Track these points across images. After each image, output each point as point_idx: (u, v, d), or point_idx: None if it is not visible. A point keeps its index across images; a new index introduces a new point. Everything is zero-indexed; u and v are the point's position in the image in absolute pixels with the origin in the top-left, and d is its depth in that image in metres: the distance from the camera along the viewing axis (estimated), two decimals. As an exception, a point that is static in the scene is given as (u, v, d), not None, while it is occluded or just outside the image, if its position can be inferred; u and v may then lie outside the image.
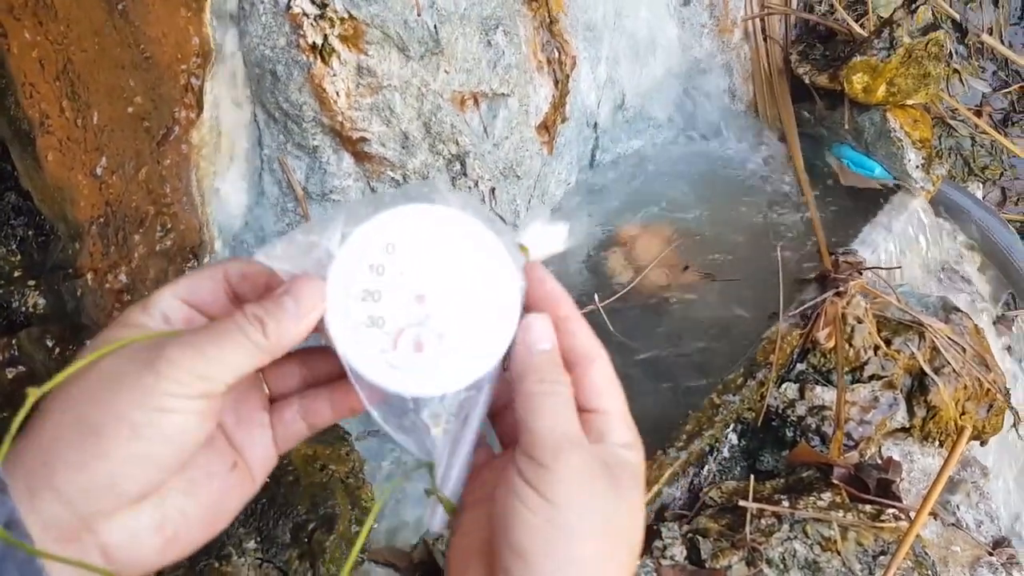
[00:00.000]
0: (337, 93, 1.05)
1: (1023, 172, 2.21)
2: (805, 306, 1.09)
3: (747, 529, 0.84)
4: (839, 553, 0.81)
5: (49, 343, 0.92)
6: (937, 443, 1.19)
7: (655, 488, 0.89)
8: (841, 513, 0.85)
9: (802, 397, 1.06)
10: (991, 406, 1.18)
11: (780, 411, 1.05)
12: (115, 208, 0.91)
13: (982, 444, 1.32)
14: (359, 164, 1.13)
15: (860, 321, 1.09)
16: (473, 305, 0.47)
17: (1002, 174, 2.14)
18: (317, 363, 0.51)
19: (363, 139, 1.10)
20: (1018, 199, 2.20)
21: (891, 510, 0.88)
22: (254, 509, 0.90)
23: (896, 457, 1.13)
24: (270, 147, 1.10)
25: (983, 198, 1.90)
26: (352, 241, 0.46)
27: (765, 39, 1.55)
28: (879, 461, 1.10)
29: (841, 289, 1.07)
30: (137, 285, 0.96)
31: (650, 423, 1.10)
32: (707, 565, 0.83)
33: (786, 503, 0.86)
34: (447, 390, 0.47)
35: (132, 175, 0.92)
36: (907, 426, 1.15)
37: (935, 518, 1.02)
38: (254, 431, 0.49)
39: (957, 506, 1.16)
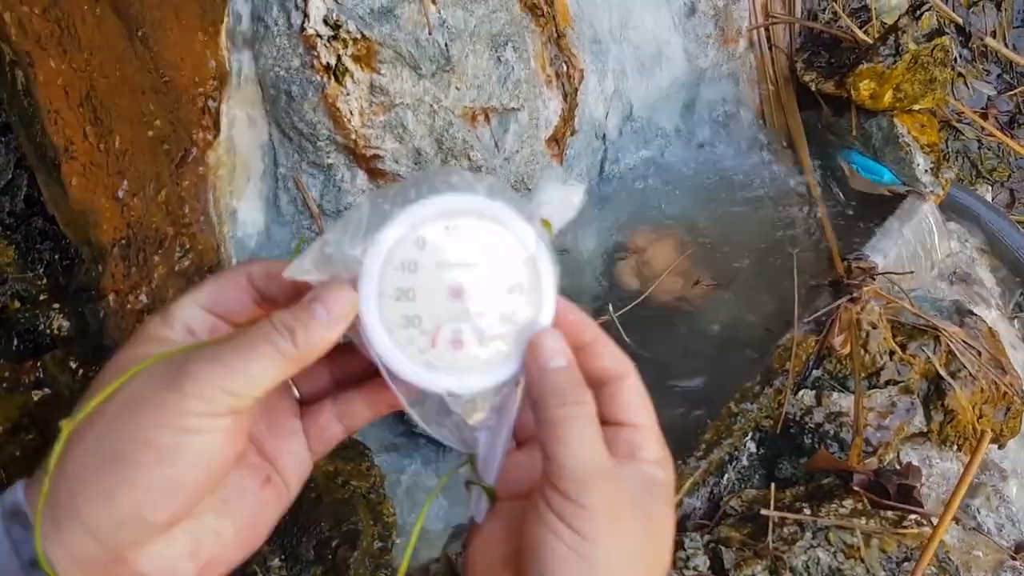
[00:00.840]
0: (351, 112, 1.07)
1: (1031, 173, 2.23)
2: (819, 313, 1.11)
3: (769, 538, 0.85)
4: (862, 560, 0.82)
5: (73, 365, 0.93)
6: (955, 447, 1.20)
7: (676, 498, 0.91)
8: (863, 520, 0.87)
9: (819, 404, 1.07)
10: (1008, 409, 1.19)
11: (798, 418, 1.06)
12: (136, 230, 0.93)
13: (1000, 447, 1.33)
14: (373, 180, 1.15)
15: (875, 327, 1.10)
16: (508, 296, 0.47)
17: (1010, 176, 2.15)
18: (347, 362, 0.49)
19: (376, 156, 1.12)
20: (1027, 201, 2.21)
21: (913, 516, 0.89)
22: (278, 526, 0.91)
23: (915, 462, 1.14)
24: (285, 166, 1.12)
25: (992, 201, 1.91)
26: (382, 239, 0.45)
27: (770, 48, 1.57)
28: (898, 467, 1.11)
29: (855, 295, 1.09)
30: (157, 305, 0.98)
31: (666, 433, 1.12)
32: (730, 575, 0.84)
33: (807, 511, 0.88)
34: (487, 385, 0.47)
35: (152, 197, 0.94)
36: (925, 431, 1.16)
37: (957, 523, 1.03)
38: (287, 440, 0.48)
39: (978, 510, 1.17)
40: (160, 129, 0.93)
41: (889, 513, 0.90)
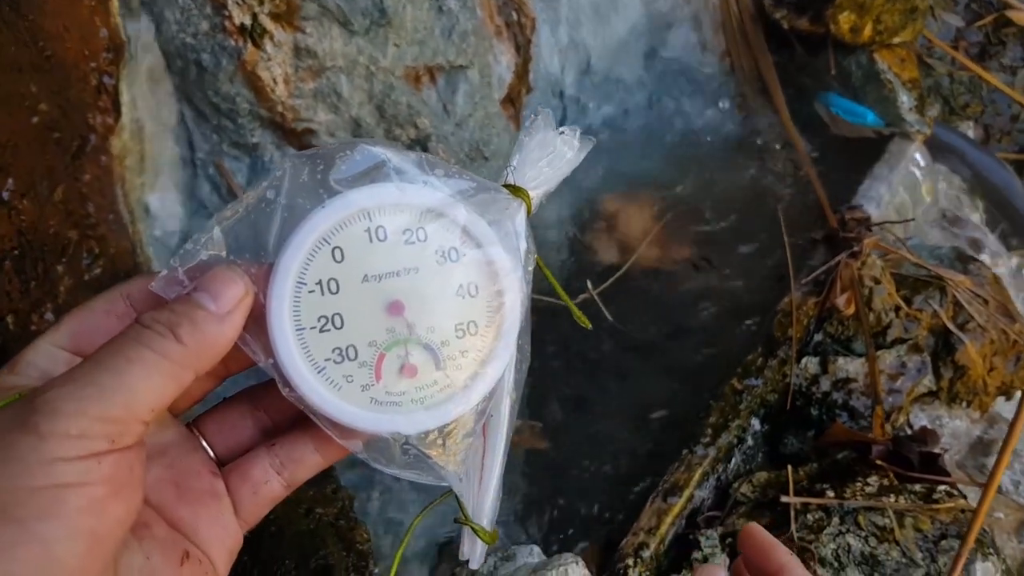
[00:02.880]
0: (274, 80, 0.97)
1: (1004, 107, 2.22)
2: (818, 271, 1.05)
3: (793, 527, 0.79)
4: (897, 543, 0.77)
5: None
6: (965, 404, 1.16)
7: (686, 493, 0.84)
8: (892, 497, 0.81)
9: (825, 371, 1.01)
10: (1019, 359, 1.15)
11: (803, 389, 1.00)
12: (30, 237, 0.82)
13: (1007, 399, 1.30)
14: (307, 160, 1.05)
15: (877, 282, 1.05)
16: (459, 301, 0.40)
17: (983, 111, 2.14)
18: (274, 400, 0.41)
19: (308, 131, 1.02)
20: (1001, 135, 2.20)
21: (942, 487, 0.84)
22: (234, 568, 0.82)
23: (925, 424, 1.10)
24: (203, 150, 1.01)
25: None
26: (285, 262, 0.38)
27: (733, -15, 1.50)
28: (909, 431, 1.06)
29: (856, 249, 1.03)
30: (65, 323, 0.87)
31: (661, 417, 1.05)
32: (753, 572, 0.78)
33: (831, 493, 0.82)
34: (453, 416, 0.40)
35: (46, 196, 0.83)
36: (934, 389, 1.11)
37: (976, 485, 0.99)
38: (205, 504, 0.39)
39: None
40: (47, 114, 0.82)
41: (917, 486, 0.84)
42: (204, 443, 0.41)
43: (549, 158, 0.42)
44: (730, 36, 1.52)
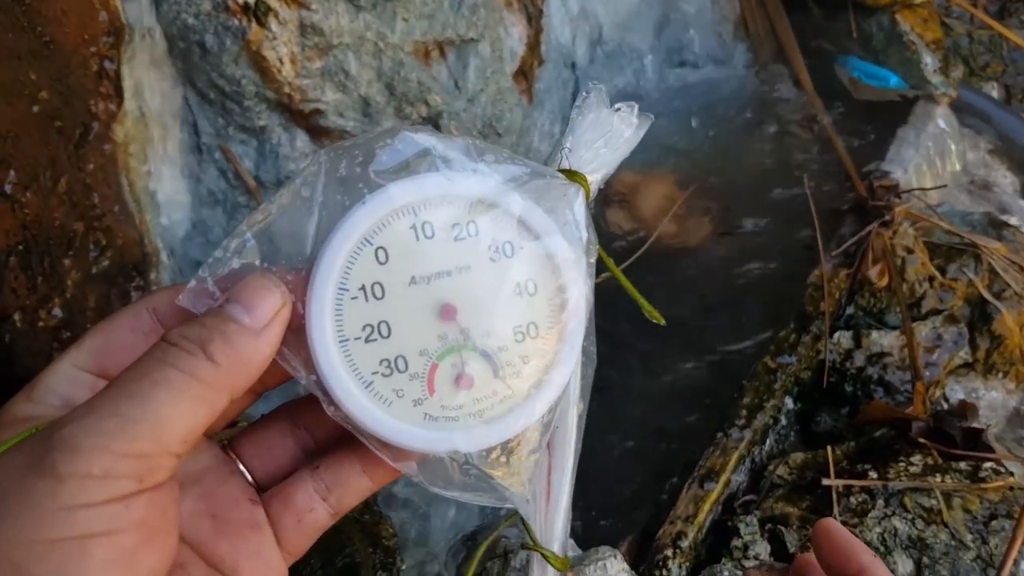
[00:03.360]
0: (280, 60, 0.93)
1: (1024, 67, 2.18)
2: (849, 243, 1.02)
3: (835, 510, 0.77)
4: (946, 525, 0.74)
5: (-23, 404, 0.80)
6: (1001, 375, 1.13)
7: (723, 478, 0.82)
8: (938, 477, 0.79)
9: (858, 346, 0.99)
10: (1056, 327, 1.12)
11: (837, 365, 0.97)
12: (35, 231, 0.79)
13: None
14: (316, 141, 1.01)
15: (910, 251, 1.02)
16: (518, 300, 0.37)
17: (1004, 71, 2.09)
18: (316, 416, 0.37)
19: (317, 111, 0.99)
20: (1023, 95, 2.16)
21: (988, 464, 0.82)
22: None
23: (962, 397, 1.07)
24: (209, 134, 0.98)
25: (992, 98, 1.84)
26: (324, 267, 0.34)
27: (748, -54, 1.45)
28: (946, 406, 1.04)
29: (887, 218, 1.00)
30: (76, 317, 0.85)
31: (688, 399, 1.02)
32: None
33: (874, 474, 0.79)
34: (516, 430, 0.37)
35: (50, 188, 0.80)
36: (970, 361, 1.09)
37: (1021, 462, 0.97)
38: (245, 537, 0.35)
39: (1031, 441, 1.11)
40: (48, 102, 0.78)
41: (962, 464, 0.82)
42: (242, 467, 0.38)
43: (606, 138, 0.39)
44: (745, 1, 1.48)
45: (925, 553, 0.73)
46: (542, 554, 0.38)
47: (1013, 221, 1.32)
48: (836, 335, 0.99)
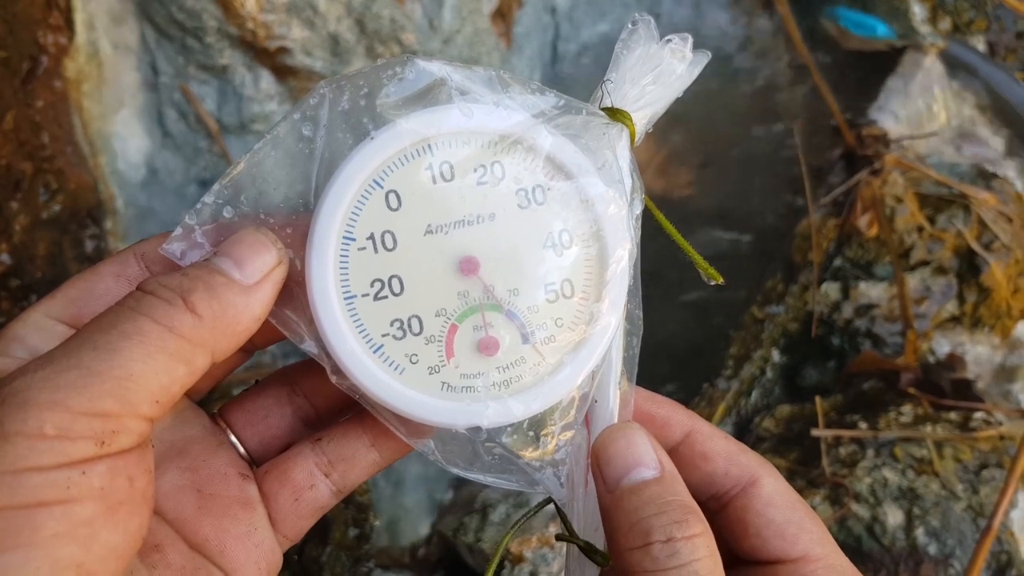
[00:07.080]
0: (244, -6, 0.89)
1: (1009, 23, 2.17)
2: (837, 191, 1.00)
3: (824, 461, 0.76)
4: (937, 474, 0.74)
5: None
6: (987, 329, 1.13)
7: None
8: (929, 427, 0.78)
9: (846, 297, 0.98)
10: (1044, 279, 1.12)
11: (825, 316, 0.96)
12: (-22, 169, 0.75)
13: (1027, 324, 1.28)
14: (282, 82, 0.98)
15: (900, 201, 1.01)
16: (550, 255, 0.32)
17: (988, 27, 2.09)
18: (317, 382, 0.34)
19: (282, 49, 0.95)
20: (1006, 53, 2.16)
21: (978, 414, 0.81)
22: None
23: (948, 350, 1.07)
24: (167, 73, 0.94)
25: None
26: (327, 213, 0.30)
27: None
28: (932, 360, 1.03)
29: (876, 167, 0.98)
30: (25, 265, 0.81)
31: (673, 350, 1.01)
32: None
33: (864, 424, 0.78)
34: (546, 403, 0.32)
35: (-6, 123, 0.76)
36: (957, 314, 1.08)
37: (1017, 414, 0.96)
38: (233, 516, 0.31)
39: (1019, 395, 1.11)
40: (-10, 30, 0.74)
41: (952, 415, 0.81)
42: (232, 437, 0.34)
43: (655, 73, 0.34)
44: (731, -55, 1.44)
45: (916, 503, 0.73)
46: (579, 547, 0.33)
47: (1001, 173, 1.31)
48: (823, 287, 0.98)
